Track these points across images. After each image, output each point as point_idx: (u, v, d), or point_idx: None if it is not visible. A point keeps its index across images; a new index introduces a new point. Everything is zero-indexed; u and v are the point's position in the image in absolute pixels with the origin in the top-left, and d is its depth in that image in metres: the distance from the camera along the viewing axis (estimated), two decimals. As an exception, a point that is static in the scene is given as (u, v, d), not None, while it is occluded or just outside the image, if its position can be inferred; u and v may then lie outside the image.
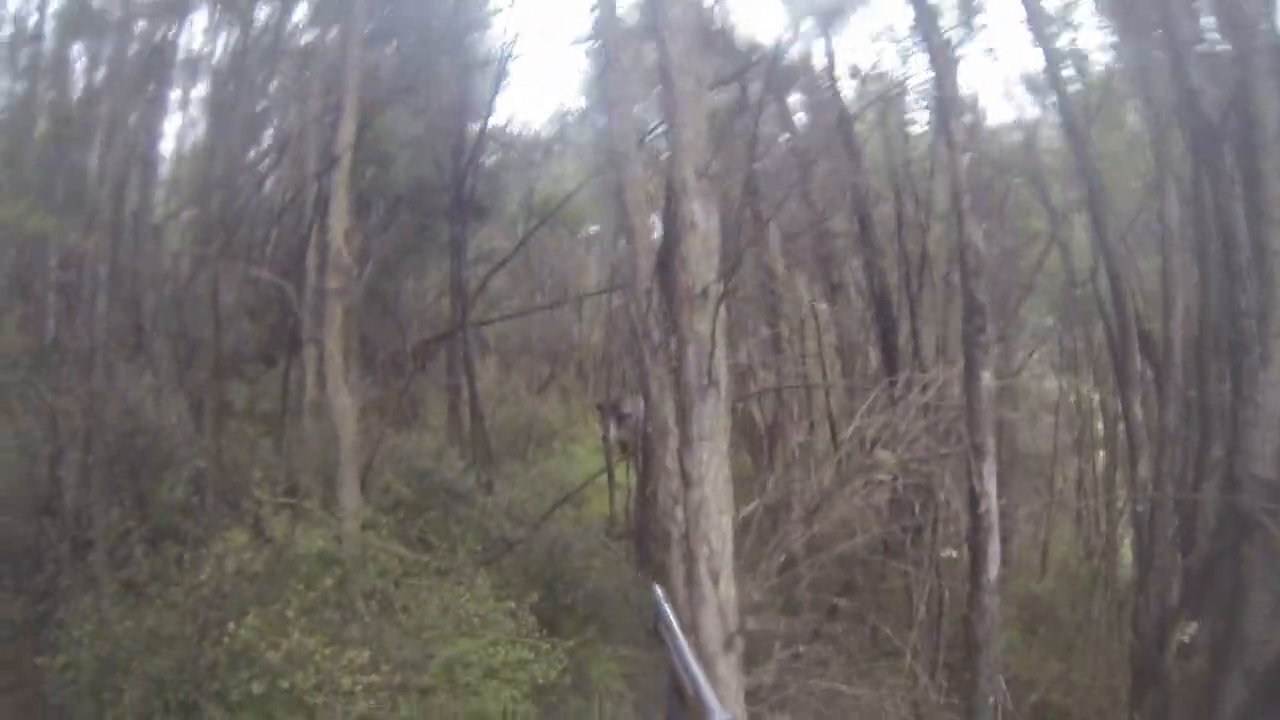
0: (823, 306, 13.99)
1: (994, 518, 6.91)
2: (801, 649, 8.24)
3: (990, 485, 6.77)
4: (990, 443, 6.71)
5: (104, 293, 10.38)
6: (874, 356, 13.08)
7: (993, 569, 6.96)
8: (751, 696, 6.80)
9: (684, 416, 5.24)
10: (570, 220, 18.96)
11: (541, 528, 11.13)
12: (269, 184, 14.72)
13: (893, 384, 8.59)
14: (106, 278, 10.67)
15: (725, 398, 5.28)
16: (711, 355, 5.09)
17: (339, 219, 9.66)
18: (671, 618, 1.29)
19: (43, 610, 8.83)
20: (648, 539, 11.72)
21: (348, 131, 10.03)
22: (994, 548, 7.03)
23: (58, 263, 11.56)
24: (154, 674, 7.33)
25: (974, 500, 6.93)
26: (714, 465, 5.26)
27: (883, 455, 7.58)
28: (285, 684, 6.98)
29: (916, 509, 8.56)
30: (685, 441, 5.24)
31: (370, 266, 13.15)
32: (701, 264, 5.13)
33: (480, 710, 7.86)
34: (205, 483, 10.12)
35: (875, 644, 10.18)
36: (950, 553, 8.53)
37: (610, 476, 13.81)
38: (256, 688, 6.95)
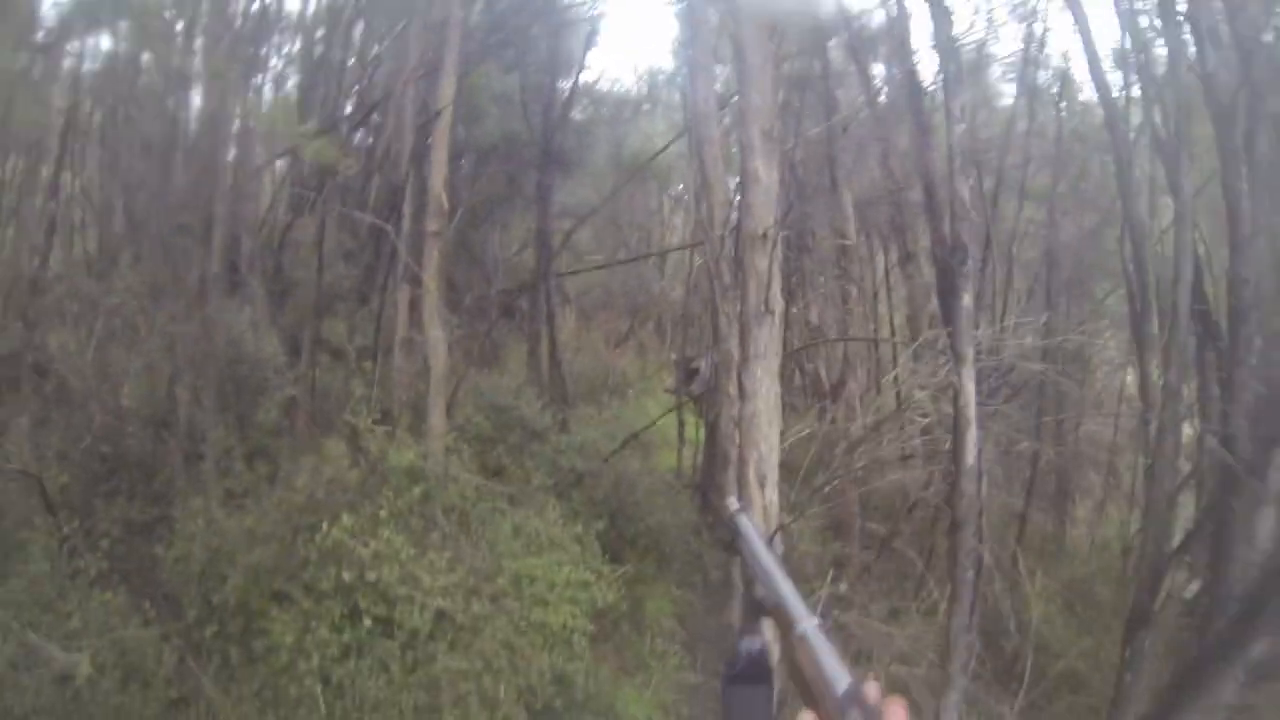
0: (893, 272, 14.33)
1: (971, 412, 7.46)
2: (843, 588, 8.88)
3: (969, 385, 7.35)
4: (970, 352, 7.30)
5: (218, 231, 11.35)
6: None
7: (970, 457, 7.49)
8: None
9: (744, 340, 5.95)
10: (658, 176, 19.54)
11: (611, 463, 11.89)
12: (362, 135, 15.65)
13: (947, 335, 9.10)
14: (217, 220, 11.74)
15: (778, 323, 5.98)
16: (768, 287, 5.79)
17: (439, 168, 10.51)
18: (750, 527, 1.38)
19: (157, 513, 10.01)
20: (712, 490, 12.40)
21: (449, 87, 10.86)
22: (971, 436, 7.53)
23: (172, 205, 12.65)
24: (253, 565, 8.35)
25: (955, 398, 7.50)
26: (765, 382, 5.97)
27: (919, 395, 8.18)
28: (372, 576, 7.91)
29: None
30: (744, 360, 5.96)
31: (459, 215, 13.95)
32: (763, 211, 5.84)
33: (543, 620, 8.69)
34: (296, 408, 11.23)
35: (913, 582, 10.76)
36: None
37: (680, 428, 14.43)
38: (347, 577, 7.87)
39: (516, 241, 18.36)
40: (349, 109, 15.96)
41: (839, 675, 1.14)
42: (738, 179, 10.76)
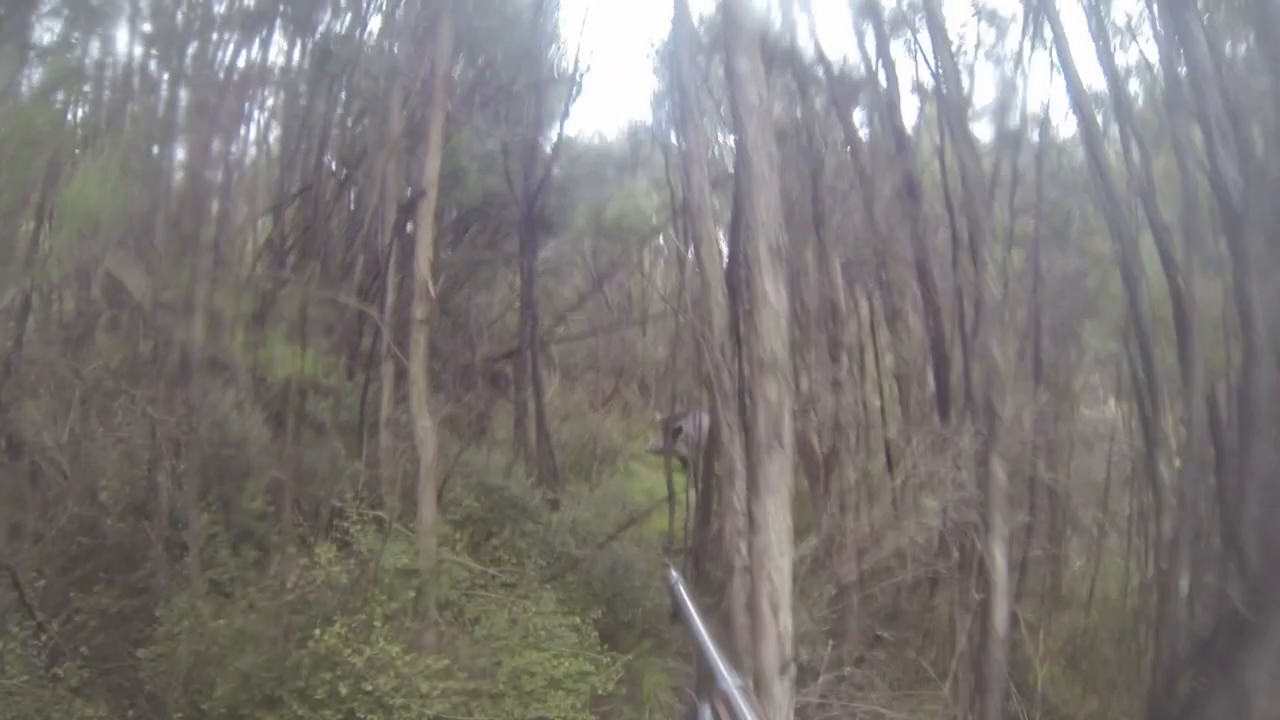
0: (881, 334, 14.29)
1: (1002, 586, 7.42)
2: (846, 671, 8.80)
3: (1000, 556, 7.28)
4: (999, 519, 7.24)
5: (199, 311, 11.16)
6: (930, 382, 13.33)
7: (999, 624, 7.45)
8: (799, 714, 7.42)
9: (752, 469, 5.86)
10: (638, 234, 19.55)
11: (605, 547, 11.79)
12: (348, 197, 15.46)
13: (944, 422, 9.13)
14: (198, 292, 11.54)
15: (789, 457, 5.90)
16: (780, 418, 5.71)
17: (424, 251, 10.37)
18: (686, 599, 1.51)
19: (137, 604, 9.74)
20: (703, 556, 12.29)
21: (433, 166, 10.74)
22: (1001, 611, 7.50)
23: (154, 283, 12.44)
24: (243, 670, 8.17)
25: (982, 569, 7.44)
26: (777, 515, 5.88)
27: (928, 503, 8.16)
28: (369, 686, 7.75)
29: (957, 550, 9.10)
30: (754, 492, 5.86)
31: (441, 280, 13.85)
32: (772, 335, 5.72)
33: (543, 716, 8.56)
34: (281, 492, 10.90)
35: (916, 672, 10.68)
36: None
37: (670, 495, 14.34)
38: (343, 689, 7.72)
39: (499, 303, 18.28)
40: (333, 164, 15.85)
41: None
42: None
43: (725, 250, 10.07)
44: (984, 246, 10.38)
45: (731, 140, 13.33)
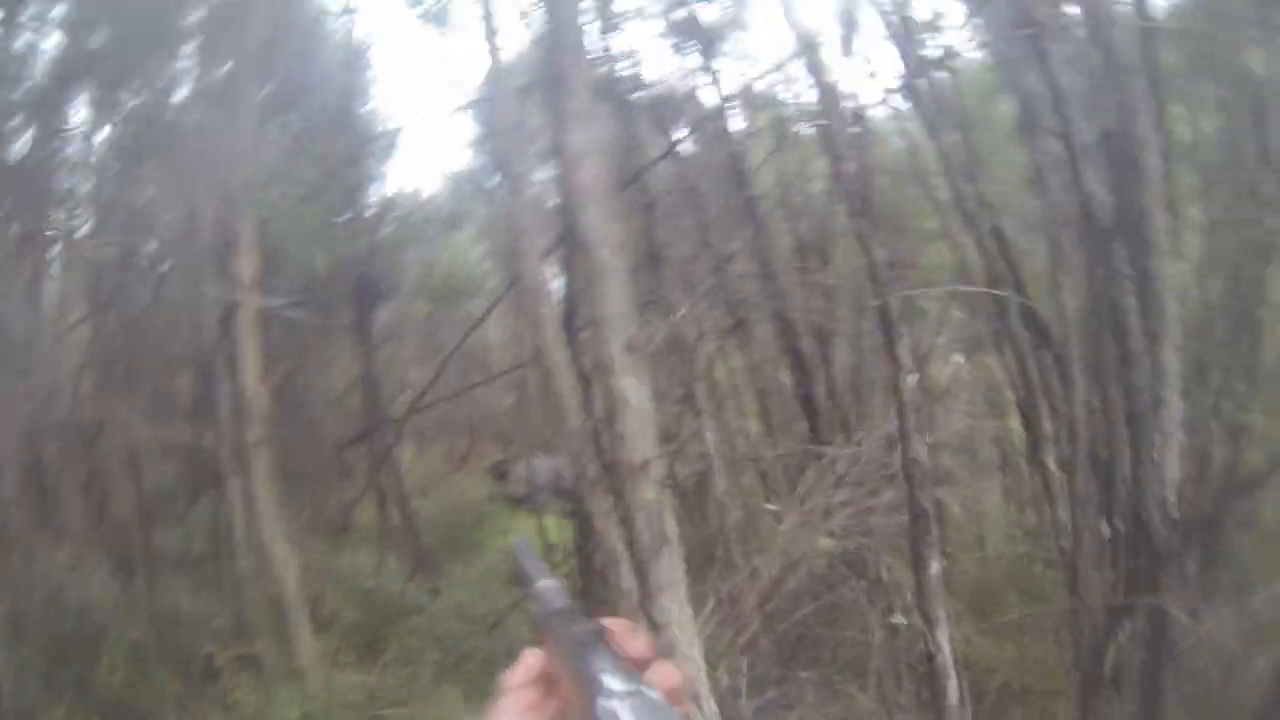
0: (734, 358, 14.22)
1: (949, 666, 7.43)
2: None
3: (944, 644, 7.30)
4: (942, 616, 7.26)
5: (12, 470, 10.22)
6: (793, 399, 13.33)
7: (952, 699, 7.48)
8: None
9: (642, 570, 5.66)
10: (469, 289, 19.21)
11: (499, 627, 11.42)
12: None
13: (819, 456, 9.17)
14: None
15: (678, 551, 5.73)
16: (661, 518, 5.53)
17: (251, 365, 9.74)
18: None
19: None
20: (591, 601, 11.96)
21: (250, 265, 10.07)
22: (952, 687, 7.52)
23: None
24: None
25: (931, 659, 7.46)
26: (676, 609, 5.70)
27: (824, 544, 8.15)
28: None
29: (860, 576, 9.18)
30: (647, 592, 5.66)
31: (276, 369, 13.18)
32: (639, 438, 5.48)
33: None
34: (145, 654, 9.88)
35: (837, 688, 10.69)
36: (899, 619, 9.09)
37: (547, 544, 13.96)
38: None
39: (342, 380, 17.56)
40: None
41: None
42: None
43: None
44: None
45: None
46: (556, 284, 10.03)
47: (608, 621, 1.13)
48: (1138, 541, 7.79)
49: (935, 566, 7.61)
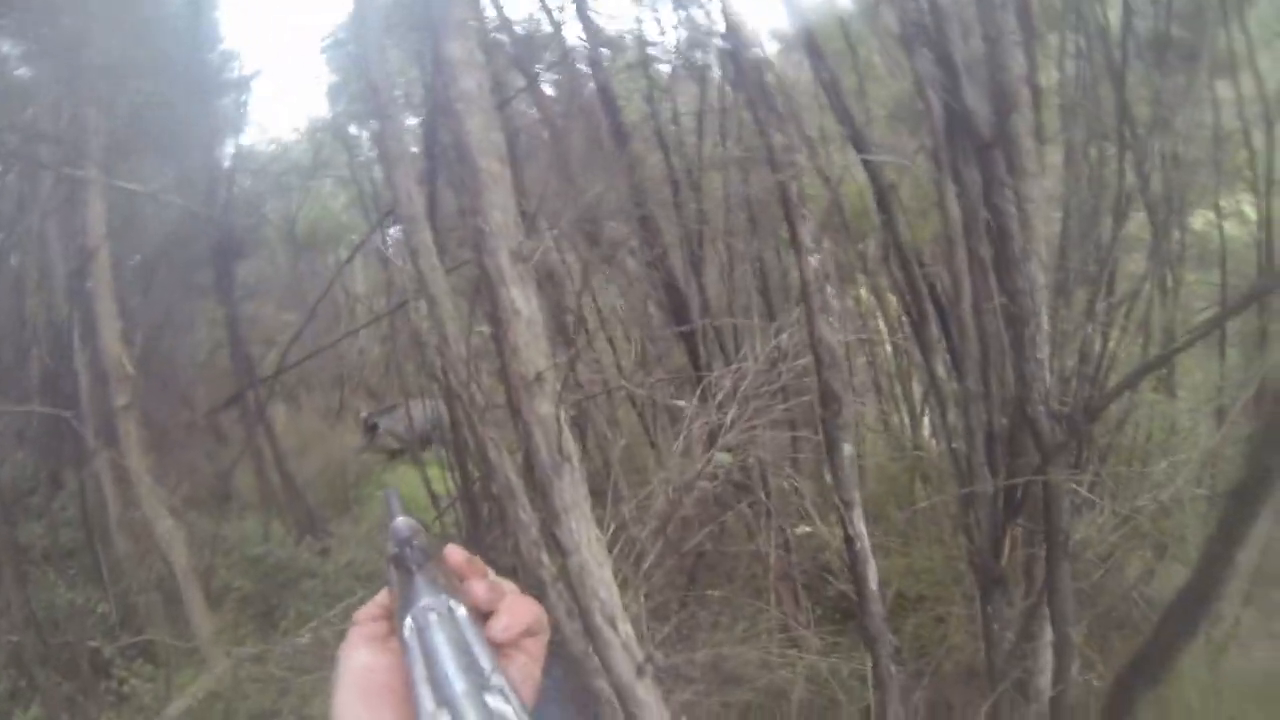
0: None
1: (867, 549, 7.69)
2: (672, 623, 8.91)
3: (860, 526, 7.54)
4: (856, 496, 7.48)
5: None
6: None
7: (872, 584, 7.75)
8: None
9: (544, 490, 5.68)
10: (332, 240, 18.84)
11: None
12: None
13: (699, 380, 9.31)
14: None
15: (579, 469, 5.77)
16: (560, 434, 5.56)
17: (109, 323, 9.36)
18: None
19: None
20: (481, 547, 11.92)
21: (97, 217, 9.67)
22: (871, 571, 7.80)
23: None
24: None
25: (849, 543, 7.71)
26: (583, 531, 5.74)
27: (721, 458, 8.31)
28: None
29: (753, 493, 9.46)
30: (551, 514, 5.68)
31: (138, 338, 12.71)
32: (531, 350, 5.44)
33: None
34: (26, 656, 9.43)
35: (738, 606, 10.95)
36: (804, 528, 9.39)
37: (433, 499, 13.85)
38: None
39: (206, 342, 17.01)
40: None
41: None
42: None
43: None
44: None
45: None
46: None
47: (447, 550, 1.18)
48: (1025, 436, 8.25)
49: (848, 449, 7.88)
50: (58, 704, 8.79)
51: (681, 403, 9.43)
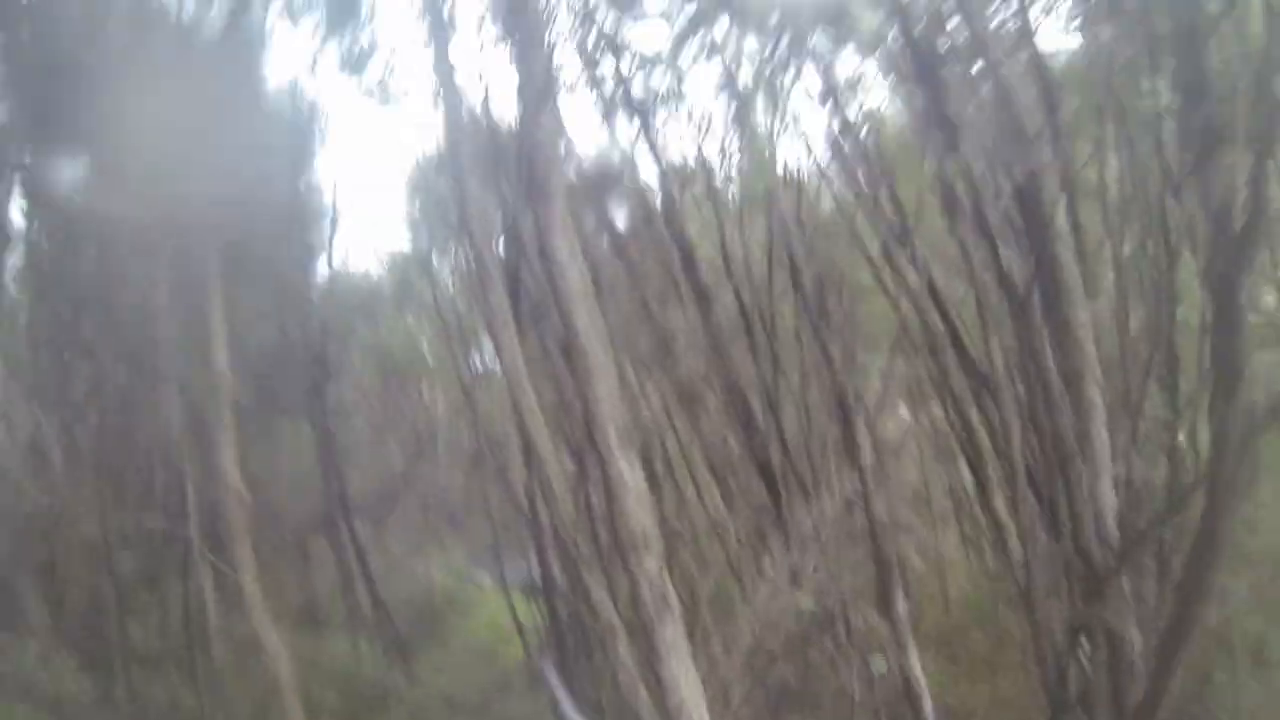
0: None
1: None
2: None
3: (900, 605, 8.05)
4: (910, 642, 7.95)
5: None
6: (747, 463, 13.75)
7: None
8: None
9: (646, 633, 6.27)
10: (418, 370, 19.61)
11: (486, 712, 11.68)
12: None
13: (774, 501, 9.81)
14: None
15: (679, 616, 6.38)
16: (664, 587, 6.20)
17: (229, 452, 9.97)
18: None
19: None
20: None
21: (220, 359, 10.35)
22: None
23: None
24: None
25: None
26: (682, 671, 6.32)
27: (803, 602, 8.83)
28: None
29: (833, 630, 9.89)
30: (655, 657, 6.27)
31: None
32: (639, 515, 6.18)
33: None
34: None
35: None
36: (879, 665, 9.78)
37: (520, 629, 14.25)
38: None
39: (297, 462, 17.75)
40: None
41: None
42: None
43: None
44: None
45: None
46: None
47: None
48: (1082, 566, 8.61)
49: (901, 605, 8.41)
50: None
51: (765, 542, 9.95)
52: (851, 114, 13.97)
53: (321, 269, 17.09)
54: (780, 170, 15.60)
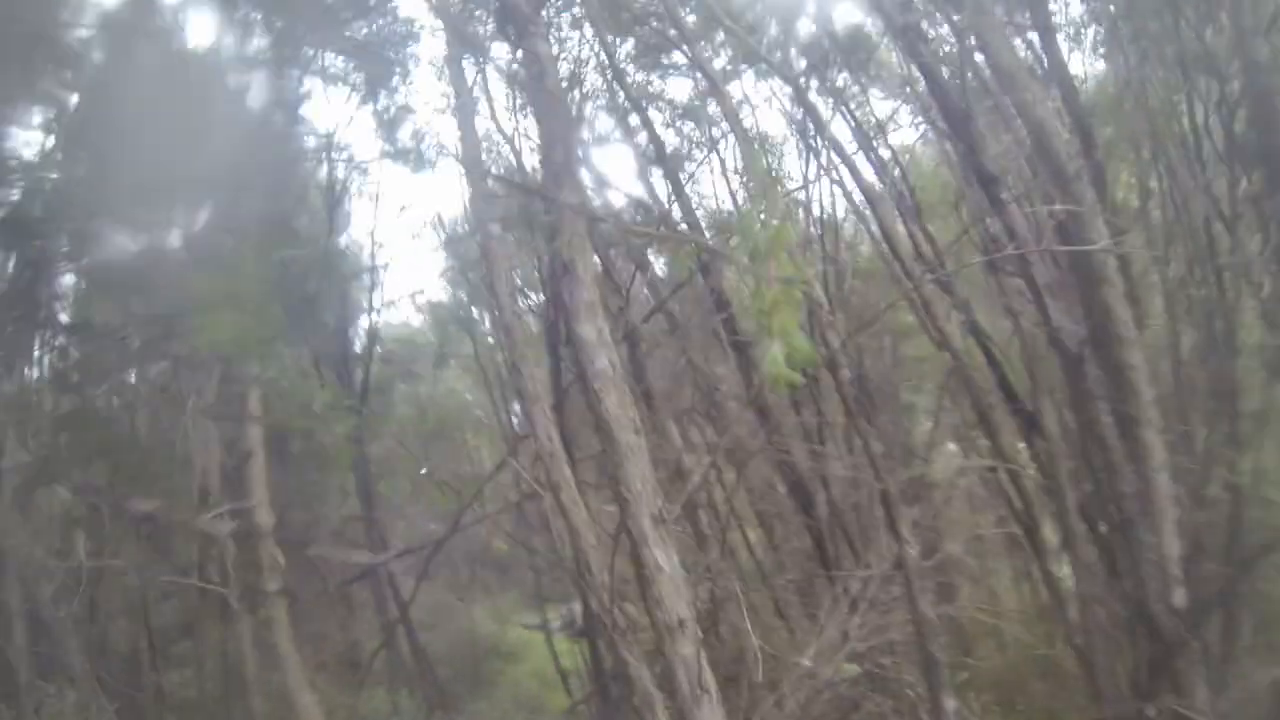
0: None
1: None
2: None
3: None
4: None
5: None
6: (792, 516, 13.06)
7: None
8: None
9: (681, 714, 5.71)
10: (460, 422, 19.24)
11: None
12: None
13: (829, 579, 9.21)
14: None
15: (716, 700, 5.78)
16: (701, 671, 5.60)
17: (264, 514, 9.70)
18: None
19: None
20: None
21: (254, 436, 10.18)
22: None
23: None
24: None
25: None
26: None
27: (849, 669, 8.18)
28: None
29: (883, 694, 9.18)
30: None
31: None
32: (673, 601, 5.63)
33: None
34: None
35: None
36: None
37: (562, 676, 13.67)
38: None
39: (339, 514, 17.28)
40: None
41: None
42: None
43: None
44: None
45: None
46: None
47: None
48: (1147, 632, 7.92)
49: (951, 705, 7.78)
50: None
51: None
52: (885, 154, 13.64)
53: (362, 323, 16.73)
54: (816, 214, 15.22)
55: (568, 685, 12.91)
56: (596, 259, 11.92)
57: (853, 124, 13.20)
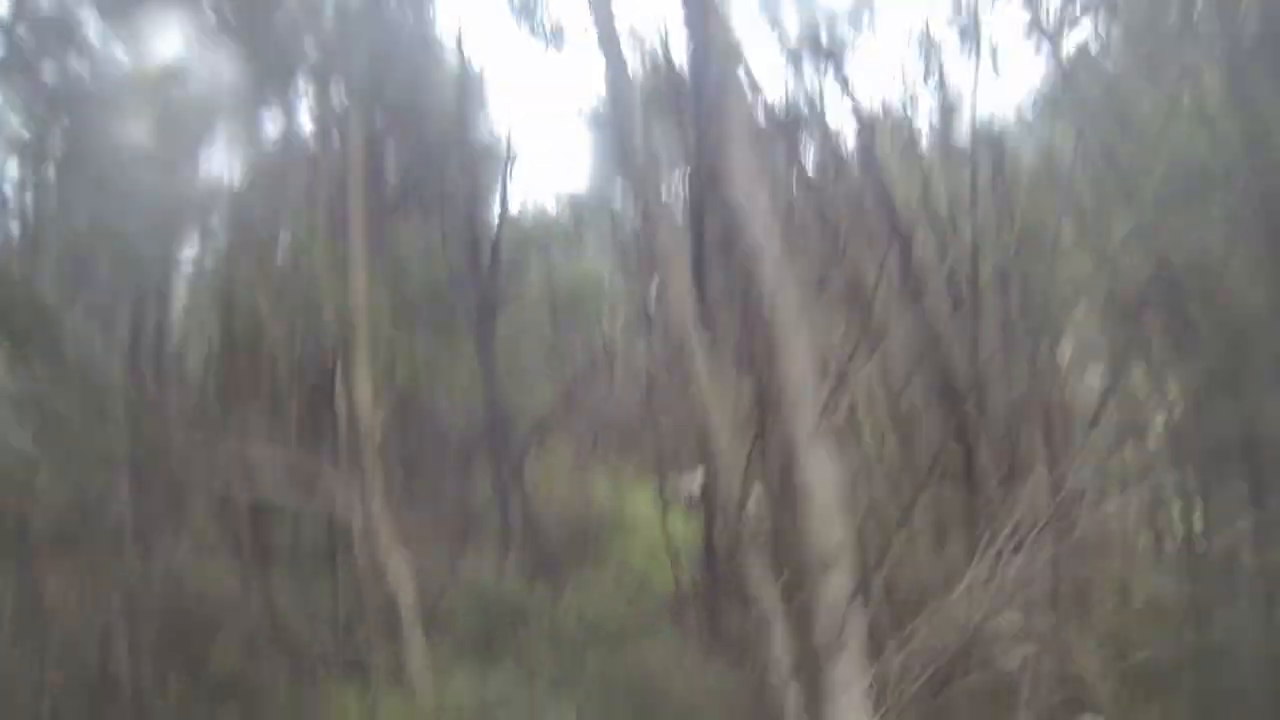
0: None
1: None
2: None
3: None
4: None
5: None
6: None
7: None
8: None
9: (812, 676, 4.42)
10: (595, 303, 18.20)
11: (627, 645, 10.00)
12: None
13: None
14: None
15: (858, 656, 4.46)
16: (843, 620, 4.27)
17: (363, 391, 9.22)
18: None
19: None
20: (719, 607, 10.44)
21: (359, 292, 9.52)
22: None
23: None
24: None
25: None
26: (852, 714, 4.47)
27: (1007, 623, 6.73)
28: None
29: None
30: (815, 694, 4.43)
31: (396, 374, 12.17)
32: (824, 534, 4.28)
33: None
34: (258, 643, 9.44)
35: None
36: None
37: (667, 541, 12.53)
38: None
39: (460, 388, 16.47)
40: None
41: None
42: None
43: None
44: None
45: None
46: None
47: None
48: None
49: None
50: (275, 695, 8.78)
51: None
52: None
53: (495, 207, 15.55)
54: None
55: (677, 566, 11.74)
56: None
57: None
